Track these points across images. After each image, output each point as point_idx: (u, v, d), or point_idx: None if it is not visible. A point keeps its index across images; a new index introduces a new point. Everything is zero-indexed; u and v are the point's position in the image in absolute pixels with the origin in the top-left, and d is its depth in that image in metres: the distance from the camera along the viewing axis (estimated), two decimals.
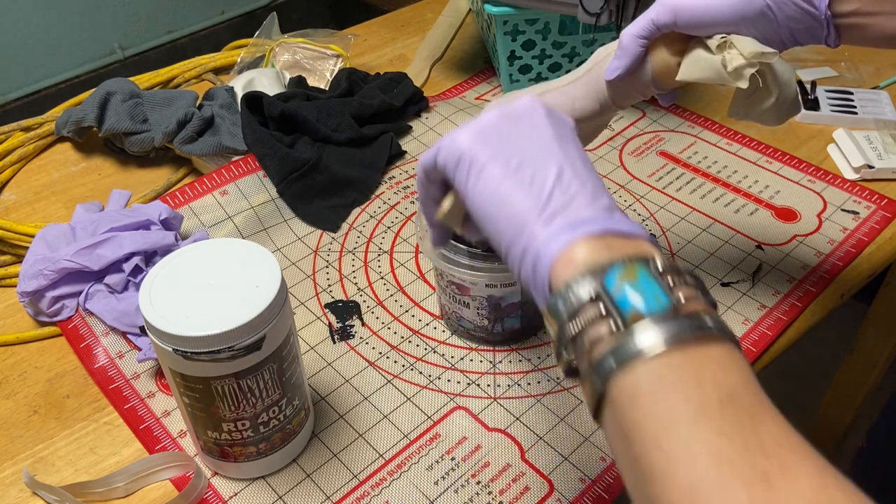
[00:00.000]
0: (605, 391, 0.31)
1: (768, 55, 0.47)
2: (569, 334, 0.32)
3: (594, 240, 0.34)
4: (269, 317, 0.46)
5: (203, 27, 2.41)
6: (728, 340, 0.31)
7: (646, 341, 0.30)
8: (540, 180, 0.36)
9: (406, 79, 0.88)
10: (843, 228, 0.73)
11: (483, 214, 0.37)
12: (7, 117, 1.41)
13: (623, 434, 0.30)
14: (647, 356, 0.30)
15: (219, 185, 0.75)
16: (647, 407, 0.29)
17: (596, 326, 0.31)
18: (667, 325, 0.30)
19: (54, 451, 0.57)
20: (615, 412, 0.31)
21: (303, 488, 0.54)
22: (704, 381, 0.29)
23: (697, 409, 0.28)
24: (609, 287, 0.31)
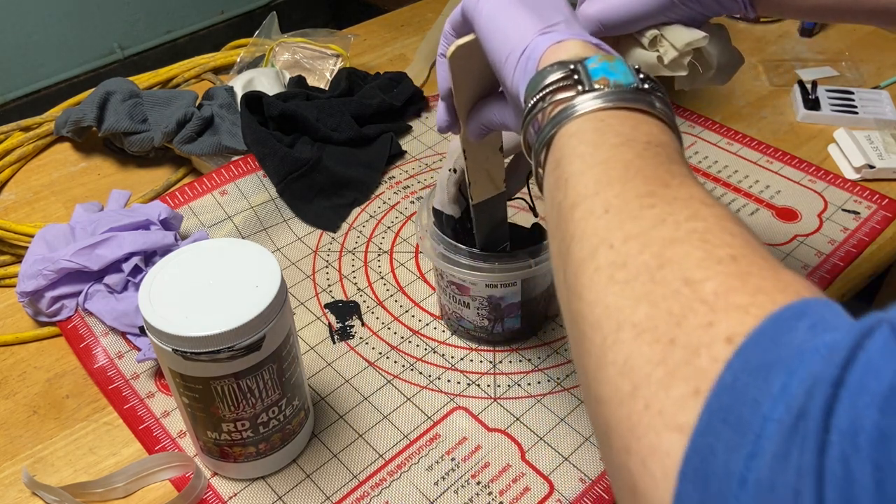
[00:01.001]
0: (553, 136, 0.35)
1: (699, 41, 0.48)
2: (537, 100, 0.36)
3: (588, 44, 0.38)
4: (268, 317, 0.46)
5: (202, 27, 2.41)
6: (671, 124, 0.35)
7: (601, 100, 0.34)
8: (548, 15, 0.40)
9: (406, 79, 0.88)
10: (843, 228, 0.73)
11: (490, 29, 0.40)
12: (6, 117, 1.41)
13: (555, 162, 0.34)
14: (597, 108, 0.34)
15: (218, 185, 0.75)
16: (583, 137, 0.33)
17: (565, 91, 0.35)
18: (624, 94, 0.34)
19: (54, 452, 0.56)
20: (554, 150, 0.34)
21: (303, 489, 0.54)
22: (639, 129, 0.33)
23: (625, 140, 0.32)
24: (587, 63, 0.35)
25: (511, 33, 0.39)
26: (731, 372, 0.22)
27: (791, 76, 0.93)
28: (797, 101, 0.88)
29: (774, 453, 0.20)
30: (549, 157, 0.35)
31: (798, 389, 0.21)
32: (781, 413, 0.21)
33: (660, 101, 0.35)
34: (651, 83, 0.35)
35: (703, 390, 0.23)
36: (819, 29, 1.01)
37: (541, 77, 0.36)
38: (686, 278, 0.26)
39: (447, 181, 0.58)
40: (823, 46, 0.99)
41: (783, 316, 0.23)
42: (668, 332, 0.25)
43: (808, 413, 0.20)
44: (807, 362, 0.21)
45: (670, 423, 0.23)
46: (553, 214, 0.34)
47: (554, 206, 0.34)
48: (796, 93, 0.89)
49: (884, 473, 0.18)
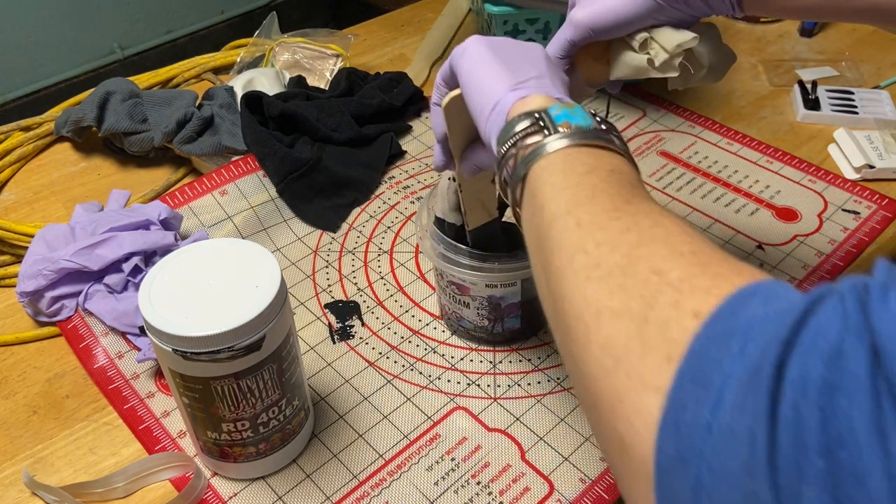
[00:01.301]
0: (525, 175, 0.38)
1: (689, 42, 0.49)
2: (508, 148, 0.40)
3: (548, 97, 0.42)
4: (268, 317, 0.46)
5: (202, 27, 2.41)
6: (629, 159, 0.39)
7: (567, 140, 0.38)
8: (521, 71, 0.44)
9: (406, 78, 0.88)
10: (843, 228, 0.73)
11: (470, 83, 0.44)
12: (6, 117, 1.41)
13: (531, 194, 0.38)
14: (563, 147, 0.38)
15: (218, 185, 0.75)
16: (555, 168, 0.37)
17: (533, 136, 0.39)
18: (586, 133, 0.38)
19: (54, 452, 0.56)
20: (529, 184, 0.38)
21: (303, 489, 0.54)
22: (602, 162, 0.37)
23: (590, 168, 0.37)
24: (550, 111, 0.39)
25: (486, 89, 0.43)
26: (699, 341, 0.26)
27: (791, 76, 0.93)
28: (797, 101, 0.88)
29: (734, 403, 0.24)
30: (525, 191, 0.39)
31: (754, 350, 0.24)
32: (740, 370, 0.24)
33: (617, 139, 0.39)
34: (607, 124, 0.39)
35: (675, 356, 0.26)
36: (819, 29, 1.01)
37: (510, 126, 0.40)
38: (654, 268, 0.30)
39: (447, 190, 0.58)
40: (823, 46, 0.99)
41: (741, 294, 0.27)
42: (641, 313, 0.29)
43: (762, 368, 0.23)
44: (760, 328, 0.25)
45: (649, 386, 0.27)
46: (532, 238, 0.38)
47: (532, 230, 0.38)
48: (796, 93, 0.89)
49: (827, 418, 0.21)
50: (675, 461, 0.25)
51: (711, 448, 0.24)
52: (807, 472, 0.21)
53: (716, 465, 0.24)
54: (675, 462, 0.25)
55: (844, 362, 0.21)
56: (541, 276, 0.36)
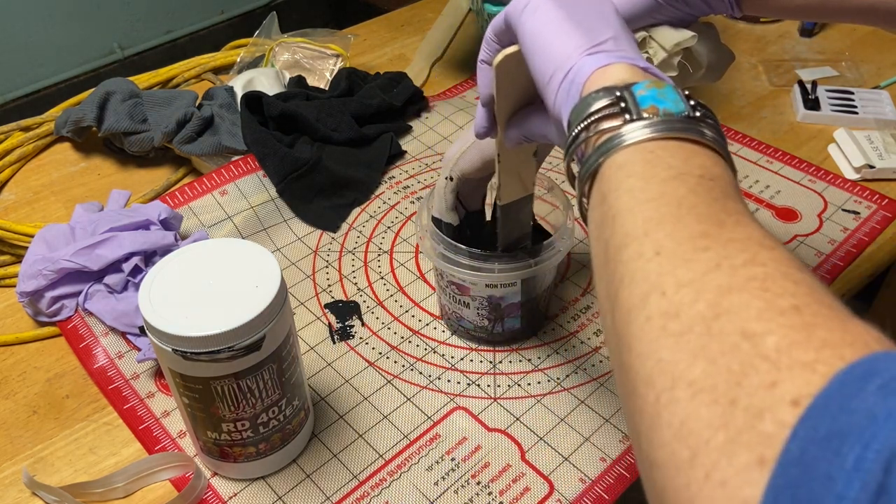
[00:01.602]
0: (598, 167, 0.33)
1: (687, 41, 0.49)
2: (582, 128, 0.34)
3: (635, 68, 0.35)
4: (268, 317, 0.46)
5: (202, 27, 2.41)
6: (724, 154, 0.33)
7: (650, 129, 0.32)
8: (596, 31, 0.38)
9: (406, 79, 0.88)
10: (843, 228, 0.73)
11: (535, 48, 0.39)
12: (6, 117, 1.41)
13: (601, 197, 0.32)
14: (646, 138, 0.32)
15: (218, 185, 0.75)
16: (632, 169, 0.31)
17: (611, 119, 0.33)
18: (675, 122, 0.32)
19: (53, 452, 0.56)
20: (601, 182, 0.33)
21: (303, 489, 0.53)
22: (691, 162, 0.31)
23: (677, 173, 0.30)
24: (635, 90, 0.33)
25: (555, 52, 0.37)
26: (798, 441, 0.21)
27: (791, 76, 0.93)
28: (797, 101, 0.88)
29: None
30: (595, 189, 0.33)
31: (874, 464, 0.19)
32: (857, 490, 0.19)
33: (711, 130, 0.33)
34: (702, 110, 0.33)
35: (769, 459, 0.21)
36: (819, 29, 1.01)
37: (585, 104, 0.34)
38: (745, 331, 0.24)
39: (444, 189, 0.58)
40: (823, 46, 0.99)
41: (852, 375, 0.21)
42: (727, 393, 0.23)
43: (887, 490, 0.18)
44: (881, 431, 0.19)
45: (734, 497, 0.21)
46: (600, 252, 0.32)
47: (601, 244, 0.32)
48: (796, 93, 0.89)
49: None
50: None
51: None
52: None
53: None
54: None
55: None
56: (605, 304, 0.31)
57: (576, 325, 0.65)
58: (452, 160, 0.57)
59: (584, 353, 0.62)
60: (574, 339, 0.64)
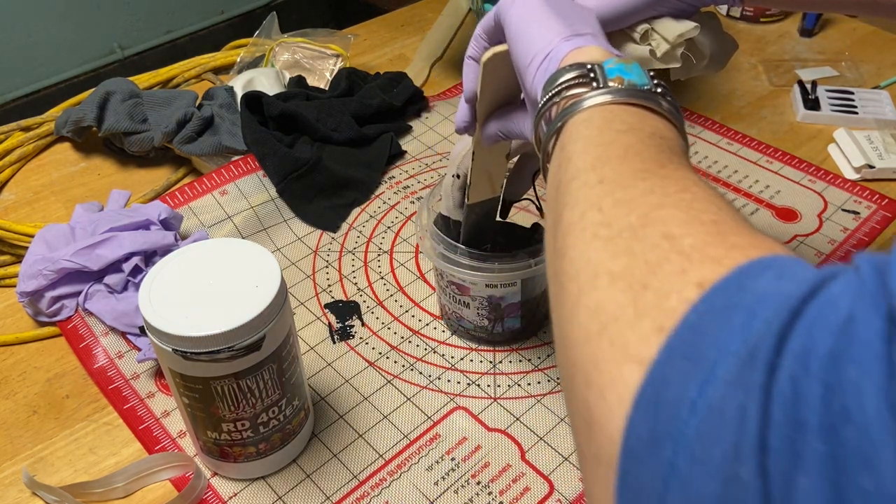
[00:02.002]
0: (561, 127, 0.36)
1: (690, 31, 0.49)
2: (551, 96, 0.37)
3: (607, 51, 0.39)
4: (268, 317, 0.46)
5: (202, 27, 2.41)
6: (679, 125, 0.36)
7: (614, 95, 0.35)
8: (576, 24, 0.41)
9: (406, 79, 0.88)
10: (843, 228, 0.73)
11: (519, 32, 0.42)
12: (7, 117, 1.41)
13: (561, 146, 0.35)
14: (609, 101, 0.35)
15: (218, 185, 0.75)
16: (591, 125, 0.34)
17: (580, 87, 0.36)
18: (636, 91, 0.35)
19: (54, 452, 0.56)
20: (562, 137, 0.35)
21: (303, 488, 0.54)
22: (645, 123, 0.34)
23: (629, 128, 0.33)
24: (605, 63, 0.36)
25: (537, 37, 0.40)
26: (696, 313, 0.23)
27: (791, 76, 0.93)
28: (797, 101, 0.88)
29: (726, 380, 0.21)
30: (557, 144, 0.36)
31: (757, 324, 0.21)
32: (738, 346, 0.21)
33: (668, 103, 0.36)
34: (662, 87, 0.36)
35: (668, 327, 0.23)
36: (819, 29, 1.01)
37: (558, 75, 0.37)
38: (667, 234, 0.27)
39: (451, 187, 0.58)
40: (823, 46, 0.99)
41: (752, 266, 0.24)
42: (641, 279, 0.26)
43: (763, 342, 0.20)
44: (768, 304, 0.22)
45: (632, 356, 0.24)
46: (552, 192, 0.35)
47: (553, 185, 0.34)
48: (796, 93, 0.89)
49: (832, 392, 0.18)
50: (647, 444, 0.22)
51: (694, 429, 0.21)
52: (803, 456, 0.18)
53: (696, 449, 0.21)
54: (646, 445, 0.22)
55: (855, 329, 0.19)
56: (549, 233, 0.33)
57: None
58: (458, 157, 0.57)
59: None
60: None
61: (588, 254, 0.28)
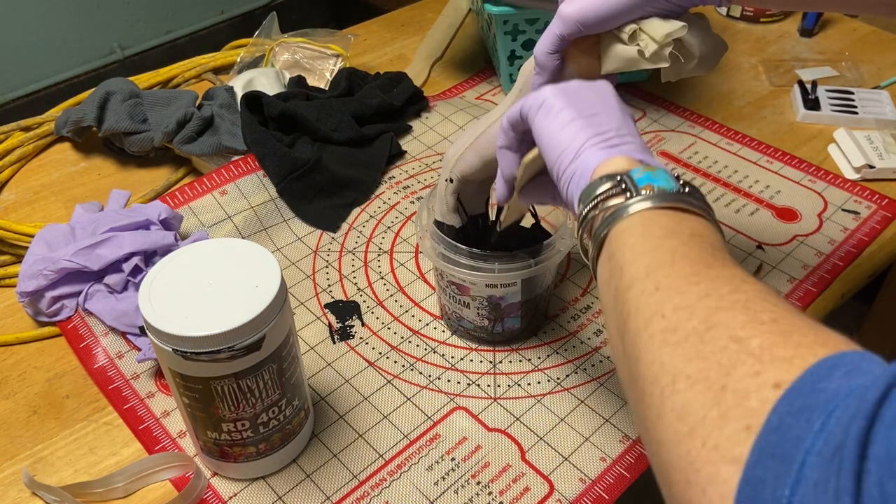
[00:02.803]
0: (606, 235, 0.39)
1: (678, 31, 0.49)
2: (590, 208, 0.40)
3: (634, 159, 0.41)
4: (268, 317, 0.46)
5: (202, 27, 2.41)
6: (713, 223, 0.38)
7: (648, 202, 0.38)
8: (603, 127, 0.43)
9: (406, 79, 0.88)
10: (843, 228, 0.73)
11: (550, 145, 0.44)
12: (7, 117, 1.41)
13: (608, 255, 0.38)
14: (644, 209, 0.37)
15: (218, 185, 0.75)
16: (633, 231, 0.37)
17: (615, 198, 0.39)
18: (668, 195, 0.38)
19: (54, 452, 0.56)
20: (609, 246, 0.38)
21: (303, 488, 0.54)
22: (683, 224, 0.37)
23: (670, 232, 0.36)
24: (633, 173, 0.39)
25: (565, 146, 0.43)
26: (777, 414, 0.25)
27: (791, 76, 0.93)
28: (797, 101, 0.88)
29: (816, 481, 0.23)
30: (603, 253, 0.39)
31: (836, 426, 0.23)
32: (821, 446, 0.23)
33: (698, 201, 0.39)
34: (689, 187, 0.39)
35: (754, 427, 0.26)
36: (819, 29, 1.01)
37: (592, 188, 0.40)
38: (733, 336, 0.29)
39: (445, 191, 0.58)
40: (823, 46, 0.99)
41: (822, 366, 0.26)
42: (719, 381, 0.28)
43: (845, 445, 0.22)
44: (843, 403, 0.24)
45: (726, 456, 0.26)
46: (609, 299, 0.38)
47: (610, 292, 0.38)
48: (796, 93, 0.89)
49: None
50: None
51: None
52: None
53: None
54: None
55: None
56: (616, 337, 0.36)
57: (576, 325, 0.65)
58: (451, 162, 0.57)
59: (584, 353, 0.62)
60: (574, 339, 0.64)
61: (661, 358, 0.31)
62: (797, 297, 0.66)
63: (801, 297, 0.66)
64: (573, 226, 0.59)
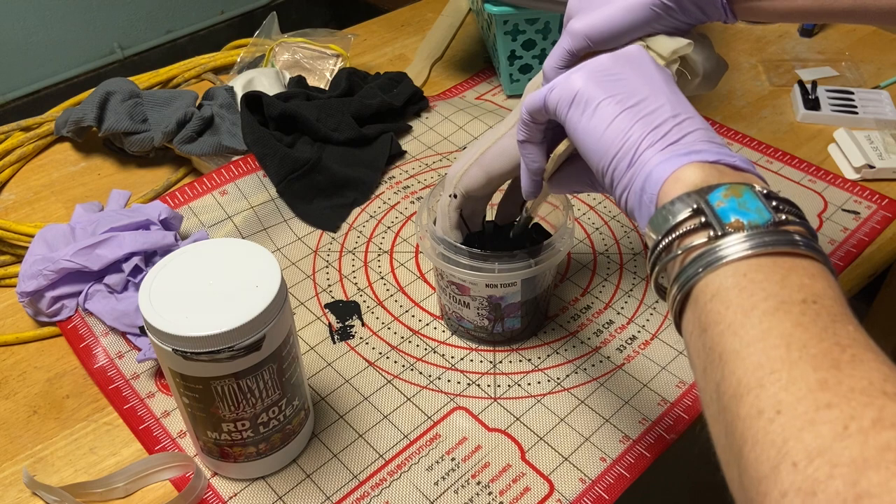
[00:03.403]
0: (690, 290, 0.33)
1: (684, 48, 0.49)
2: (664, 245, 0.34)
3: (706, 165, 0.35)
4: (268, 317, 0.46)
5: (203, 27, 2.41)
6: (820, 259, 0.32)
7: (738, 246, 0.31)
8: (655, 116, 0.38)
9: (406, 78, 0.88)
10: (843, 228, 0.73)
11: (595, 148, 0.39)
12: (7, 117, 1.41)
13: (701, 328, 0.32)
14: (736, 258, 0.31)
15: (218, 185, 0.75)
16: (729, 299, 0.31)
17: (692, 235, 0.33)
18: (762, 236, 0.31)
19: (54, 452, 0.56)
20: (696, 309, 0.32)
21: (303, 489, 0.54)
22: (789, 283, 0.30)
23: (778, 303, 0.29)
24: (712, 201, 0.33)
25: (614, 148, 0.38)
26: None
27: (791, 76, 0.93)
28: (797, 101, 0.88)
29: None
30: (690, 312, 0.33)
31: None
32: None
33: (802, 234, 0.32)
34: (786, 207, 0.33)
35: None
36: (819, 29, 1.01)
37: (663, 217, 0.34)
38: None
39: (448, 207, 0.58)
40: (823, 46, 0.99)
41: None
42: None
43: None
44: None
45: None
46: (710, 393, 0.31)
47: (710, 384, 0.31)
48: (796, 93, 0.89)
49: None
50: None
51: None
52: None
53: None
54: None
55: None
56: (726, 455, 0.30)
57: (576, 325, 0.65)
58: (456, 177, 0.57)
59: (584, 353, 0.62)
60: (574, 339, 0.64)
61: None
62: None
63: None
64: (572, 226, 0.59)
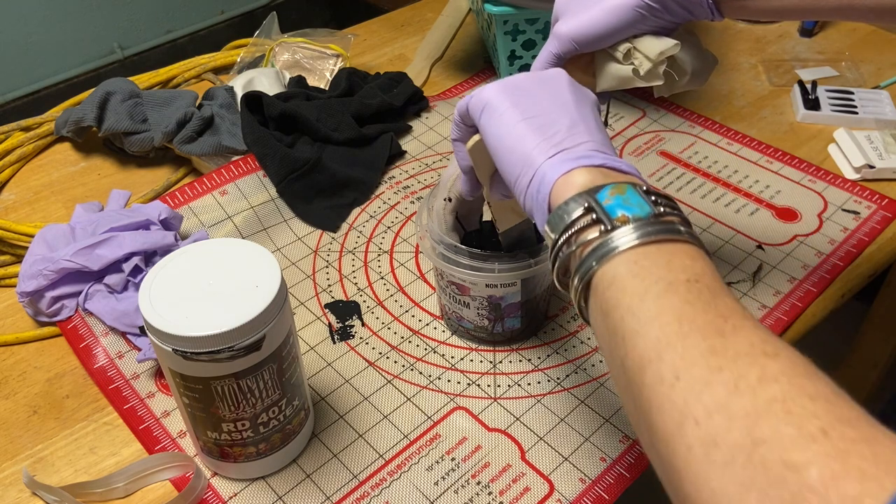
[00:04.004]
0: (589, 280, 0.36)
1: (671, 49, 0.49)
2: (563, 242, 0.37)
3: (592, 169, 0.39)
4: (268, 317, 0.46)
5: (203, 27, 2.41)
6: (696, 243, 0.36)
7: (627, 237, 0.35)
8: (551, 128, 0.41)
9: (406, 78, 0.88)
10: (843, 228, 0.73)
11: (498, 151, 0.43)
12: (7, 117, 1.41)
13: (603, 313, 0.36)
14: (626, 248, 0.35)
15: (218, 185, 0.75)
16: (624, 285, 0.35)
17: (586, 232, 0.37)
18: (646, 227, 0.35)
19: (54, 452, 0.56)
20: (597, 297, 0.36)
21: (303, 489, 0.54)
22: (674, 266, 0.34)
23: (666, 285, 0.33)
24: (600, 199, 0.37)
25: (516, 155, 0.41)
26: None
27: (791, 76, 0.93)
28: (797, 101, 0.88)
29: None
30: (592, 300, 0.37)
31: None
32: None
33: (678, 222, 0.36)
34: (662, 201, 0.37)
35: None
36: (819, 29, 1.01)
37: (558, 217, 0.38)
38: (785, 462, 0.26)
39: (444, 211, 0.58)
40: (823, 46, 0.99)
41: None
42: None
43: None
44: None
45: None
46: (616, 367, 0.35)
47: (616, 360, 0.35)
48: (796, 93, 0.89)
49: None
50: None
51: None
52: None
53: None
54: None
55: None
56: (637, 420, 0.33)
57: (576, 325, 0.65)
58: (450, 181, 0.57)
59: (584, 353, 0.62)
60: (574, 339, 0.64)
61: (711, 483, 0.28)
62: (797, 298, 0.66)
63: (801, 297, 0.66)
64: None
